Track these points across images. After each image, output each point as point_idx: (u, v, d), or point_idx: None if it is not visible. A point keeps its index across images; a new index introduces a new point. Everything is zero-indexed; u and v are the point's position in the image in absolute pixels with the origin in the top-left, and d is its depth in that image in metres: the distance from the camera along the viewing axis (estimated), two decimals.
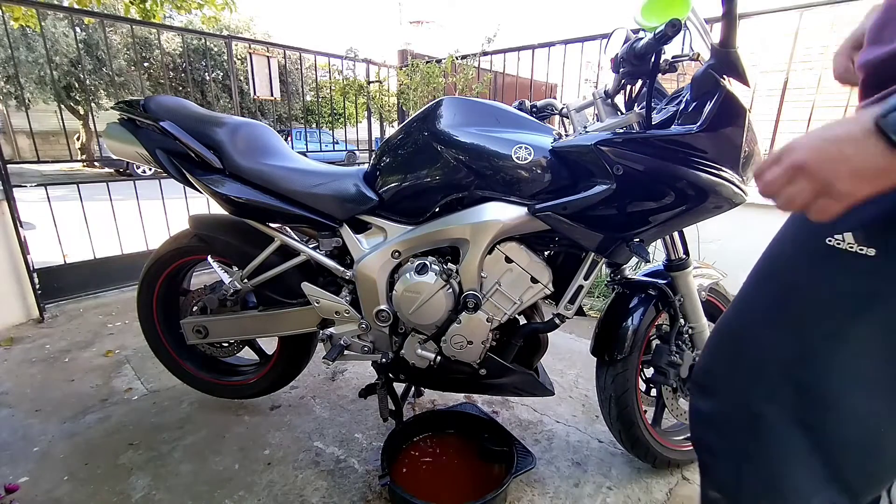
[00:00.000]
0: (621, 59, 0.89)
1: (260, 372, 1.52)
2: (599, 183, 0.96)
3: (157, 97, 1.31)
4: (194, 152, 1.21)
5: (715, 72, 0.88)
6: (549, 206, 1.00)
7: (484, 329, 1.13)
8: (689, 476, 1.31)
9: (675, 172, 0.92)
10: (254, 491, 1.23)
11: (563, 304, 1.14)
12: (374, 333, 1.25)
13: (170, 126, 1.21)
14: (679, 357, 1.19)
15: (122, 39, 11.14)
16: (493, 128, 1.06)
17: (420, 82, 3.67)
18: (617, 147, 0.93)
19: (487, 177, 1.03)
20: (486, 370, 1.20)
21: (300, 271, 1.29)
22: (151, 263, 1.46)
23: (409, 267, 1.12)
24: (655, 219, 0.98)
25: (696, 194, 0.94)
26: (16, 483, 1.18)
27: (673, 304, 1.17)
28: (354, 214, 1.18)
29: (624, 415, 1.20)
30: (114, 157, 1.36)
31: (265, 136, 1.33)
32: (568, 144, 1.00)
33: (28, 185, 2.32)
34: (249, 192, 1.21)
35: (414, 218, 1.13)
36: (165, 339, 1.53)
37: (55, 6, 2.71)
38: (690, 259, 1.17)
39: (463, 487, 1.20)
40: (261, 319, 1.36)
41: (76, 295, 2.54)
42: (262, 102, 11.35)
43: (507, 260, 1.09)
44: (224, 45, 3.13)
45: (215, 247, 1.37)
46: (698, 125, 0.90)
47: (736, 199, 0.96)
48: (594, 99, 1.05)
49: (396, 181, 1.13)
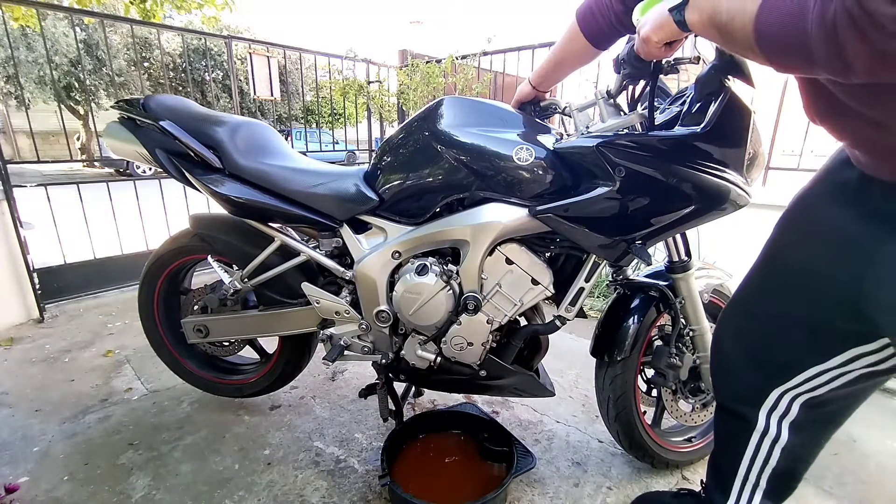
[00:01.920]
0: (622, 61, 0.88)
1: (261, 371, 1.52)
2: (601, 185, 0.95)
3: (157, 96, 1.30)
4: (194, 152, 1.21)
5: (719, 73, 0.87)
6: (549, 208, 0.99)
7: (484, 330, 1.12)
8: (689, 476, 1.31)
9: (679, 174, 0.91)
10: (254, 491, 1.23)
11: (564, 306, 1.13)
12: (374, 334, 1.25)
13: (169, 126, 1.20)
14: (679, 360, 1.18)
15: (122, 39, 11.15)
16: (495, 128, 1.05)
17: (420, 82, 3.67)
18: (619, 148, 0.92)
19: (488, 178, 1.02)
20: (487, 371, 1.19)
21: (300, 271, 1.29)
22: (152, 263, 1.46)
23: (410, 268, 1.12)
24: (658, 221, 0.97)
25: (700, 197, 0.93)
26: (16, 483, 1.18)
27: (674, 305, 1.16)
28: (354, 215, 1.18)
29: (622, 416, 1.20)
30: (114, 156, 1.35)
31: (265, 135, 1.32)
32: (569, 145, 1.00)
33: (28, 185, 2.32)
34: (249, 192, 1.20)
35: (414, 218, 1.13)
36: (167, 337, 1.54)
37: (55, 6, 2.71)
38: (693, 261, 1.16)
39: (463, 487, 1.20)
40: (261, 319, 1.36)
41: (76, 295, 2.54)
42: (262, 102, 11.35)
43: (507, 261, 1.09)
44: (224, 45, 3.13)
45: (215, 246, 1.36)
46: (702, 127, 0.88)
47: (740, 202, 0.95)
48: (596, 99, 1.04)
49: (397, 181, 1.12)
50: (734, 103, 0.88)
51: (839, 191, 0.73)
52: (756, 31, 0.53)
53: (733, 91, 0.87)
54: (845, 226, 0.70)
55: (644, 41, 0.75)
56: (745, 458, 0.90)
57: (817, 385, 0.80)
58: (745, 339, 0.88)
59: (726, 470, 0.94)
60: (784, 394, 0.83)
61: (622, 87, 1.00)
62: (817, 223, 0.75)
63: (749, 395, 0.88)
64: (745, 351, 0.88)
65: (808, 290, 0.77)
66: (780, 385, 0.83)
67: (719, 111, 0.87)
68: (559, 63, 1.12)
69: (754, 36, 0.54)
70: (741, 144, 0.91)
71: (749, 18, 0.54)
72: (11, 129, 11.43)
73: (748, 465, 0.89)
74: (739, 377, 0.90)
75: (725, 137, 0.90)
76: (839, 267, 0.71)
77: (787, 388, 0.82)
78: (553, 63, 1.13)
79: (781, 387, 0.83)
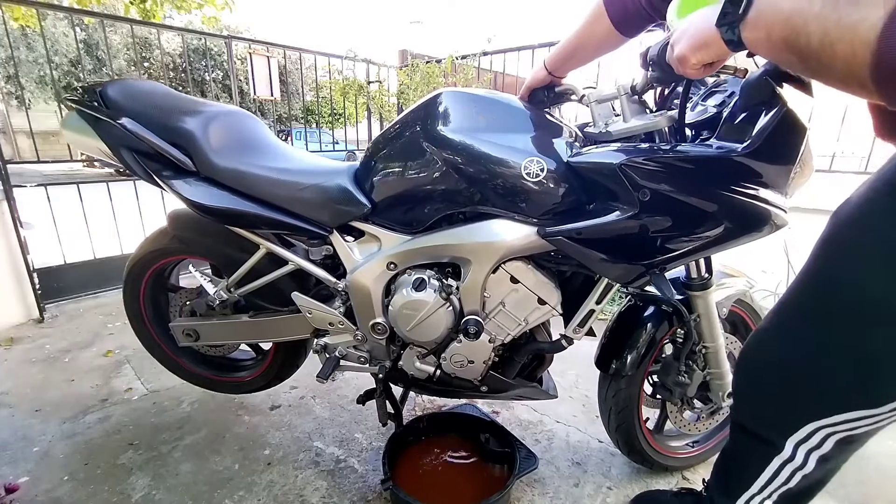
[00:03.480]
0: (651, 62, 0.76)
1: (257, 368, 1.49)
2: (621, 208, 0.84)
3: (120, 82, 1.14)
4: (162, 152, 1.08)
5: (773, 79, 0.73)
6: (560, 231, 0.89)
7: (486, 349, 1.06)
8: (689, 476, 1.31)
9: (713, 199, 0.80)
10: (254, 491, 1.23)
11: (572, 327, 1.06)
12: (370, 344, 1.17)
13: (131, 124, 1.06)
14: (688, 377, 1.11)
15: (122, 39, 11.15)
16: (501, 132, 0.92)
17: (420, 82, 3.67)
18: (645, 168, 0.80)
19: (492, 192, 0.91)
20: (488, 386, 1.15)
21: (291, 278, 1.19)
22: (132, 265, 1.37)
23: (407, 280, 1.03)
24: (682, 247, 0.86)
25: (735, 221, 0.82)
26: (16, 483, 1.17)
27: (688, 322, 1.05)
28: (345, 222, 1.08)
29: (623, 427, 1.18)
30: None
31: (245, 126, 1.19)
32: (587, 161, 0.87)
33: (28, 185, 2.32)
34: (225, 199, 1.08)
35: (410, 227, 1.03)
36: (157, 336, 1.47)
37: (55, 6, 2.71)
38: (713, 279, 1.05)
39: (465, 489, 1.20)
40: (252, 325, 1.29)
41: (76, 295, 2.54)
42: (262, 102, 11.33)
43: (512, 280, 0.99)
44: (224, 45, 3.13)
45: (196, 249, 1.26)
46: (746, 146, 0.75)
47: (779, 223, 0.84)
48: (619, 94, 0.90)
49: (389, 188, 1.02)
50: (789, 120, 0.74)
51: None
52: (877, 61, 0.40)
53: (789, 108, 0.74)
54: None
55: (680, 60, 0.62)
56: (760, 478, 0.83)
57: (859, 427, 0.71)
58: (781, 366, 0.78)
59: (737, 481, 0.89)
60: (819, 430, 0.75)
61: (649, 86, 0.88)
62: (879, 244, 0.63)
63: (778, 423, 0.80)
64: (781, 379, 0.78)
65: (863, 321, 0.66)
66: (816, 420, 0.74)
67: (769, 129, 0.74)
68: (579, 48, 0.98)
69: (872, 67, 0.40)
70: (790, 164, 0.79)
71: (863, 42, 0.40)
72: (11, 129, 11.42)
73: (763, 484, 0.83)
74: (770, 404, 0.81)
75: (773, 158, 0.78)
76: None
77: (824, 424, 0.73)
78: (572, 47, 0.99)
79: (818, 422, 0.74)
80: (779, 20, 0.46)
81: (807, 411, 0.75)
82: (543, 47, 2.89)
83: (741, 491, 0.87)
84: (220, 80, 12.70)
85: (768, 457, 0.81)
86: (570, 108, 1.16)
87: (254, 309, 1.31)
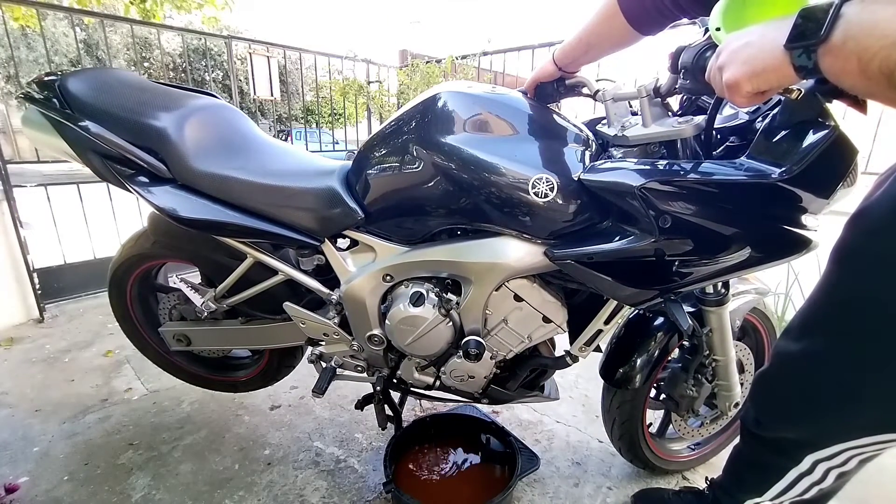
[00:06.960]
0: (683, 69, 0.67)
1: (254, 367, 1.47)
2: (638, 233, 0.76)
3: (81, 74, 1.02)
4: (134, 158, 0.98)
5: (822, 96, 0.62)
6: (570, 255, 0.82)
7: (487, 365, 1.02)
8: (689, 476, 1.31)
9: (743, 226, 0.73)
10: (254, 491, 1.23)
11: (577, 346, 1.01)
12: (367, 353, 1.12)
13: (95, 128, 0.96)
14: (696, 391, 1.08)
15: (122, 39, 11.15)
16: (507, 141, 0.84)
17: (420, 82, 3.68)
18: (668, 192, 0.71)
19: (496, 209, 0.84)
20: (489, 399, 1.13)
21: (282, 286, 1.12)
22: (114, 269, 1.31)
23: (404, 294, 0.97)
24: (702, 273, 0.78)
25: (765, 250, 0.75)
26: (16, 483, 1.18)
27: (700, 336, 1.00)
28: (338, 231, 1.00)
29: (625, 437, 1.18)
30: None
31: (224, 121, 1.08)
32: (601, 180, 0.78)
33: (28, 185, 2.31)
34: (205, 209, 0.97)
35: (407, 238, 0.96)
36: (149, 336, 1.43)
37: (55, 6, 2.72)
38: (729, 294, 0.99)
39: (467, 491, 1.20)
40: (245, 332, 1.25)
41: (76, 295, 2.54)
42: (262, 102, 11.33)
43: (516, 298, 0.93)
44: (224, 44, 3.14)
45: (179, 255, 1.19)
46: (786, 171, 0.65)
47: (812, 248, 0.75)
48: (639, 95, 0.80)
49: (383, 197, 0.93)
50: (840, 143, 0.64)
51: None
52: None
53: (841, 132, 0.64)
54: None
55: (730, 87, 0.50)
56: (774, 488, 0.81)
57: (888, 447, 0.68)
58: (807, 384, 0.73)
59: (749, 488, 0.87)
60: (846, 451, 0.71)
61: (674, 91, 0.78)
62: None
63: (800, 440, 0.76)
64: (806, 397, 0.73)
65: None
66: (844, 442, 0.70)
67: (816, 155, 0.63)
68: (591, 45, 0.90)
69: None
70: (833, 187, 0.68)
71: None
72: (11, 129, 11.40)
73: (776, 494, 0.81)
74: (795, 425, 0.76)
75: (816, 184, 0.67)
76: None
77: (852, 446, 0.70)
78: (583, 44, 0.90)
79: (846, 444, 0.70)
80: (882, 46, 0.37)
81: (835, 434, 0.72)
82: (543, 47, 2.89)
83: (751, 496, 0.86)
84: (220, 80, 12.69)
85: (784, 469, 0.79)
86: (569, 104, 1.07)
87: (245, 316, 1.26)
